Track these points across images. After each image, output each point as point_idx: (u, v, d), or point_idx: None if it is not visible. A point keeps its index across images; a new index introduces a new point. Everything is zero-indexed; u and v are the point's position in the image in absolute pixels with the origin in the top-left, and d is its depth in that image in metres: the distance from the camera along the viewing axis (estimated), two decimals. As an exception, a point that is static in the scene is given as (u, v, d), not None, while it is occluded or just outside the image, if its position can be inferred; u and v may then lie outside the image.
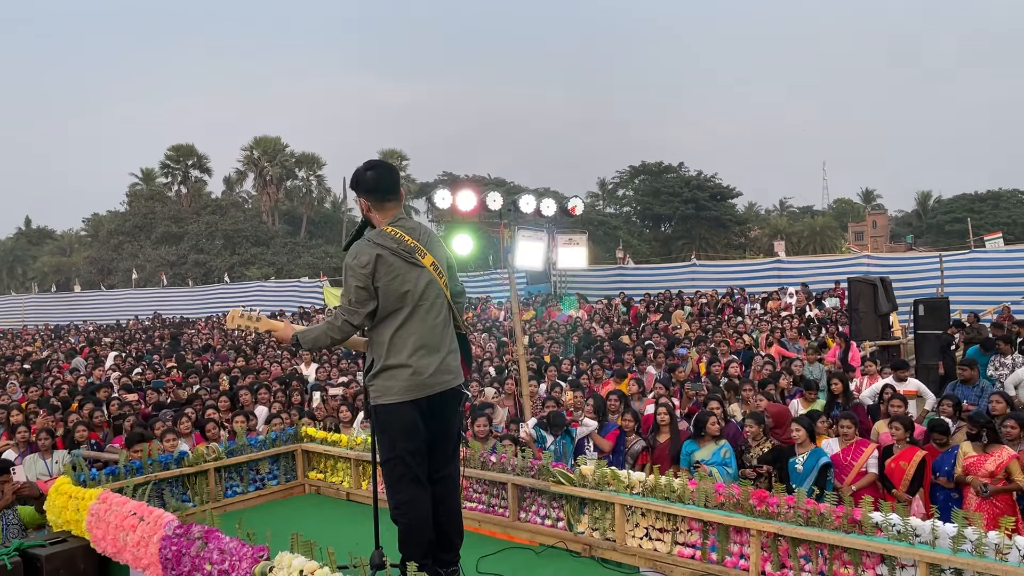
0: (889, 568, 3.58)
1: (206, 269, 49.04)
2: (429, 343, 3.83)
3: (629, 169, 60.04)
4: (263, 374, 13.67)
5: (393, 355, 3.79)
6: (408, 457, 3.82)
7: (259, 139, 56.13)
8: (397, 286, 3.76)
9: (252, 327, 4.20)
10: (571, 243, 9.67)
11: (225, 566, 3.72)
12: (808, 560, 3.84)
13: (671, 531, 4.30)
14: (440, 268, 3.93)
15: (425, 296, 3.83)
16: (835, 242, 57.30)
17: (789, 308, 20.28)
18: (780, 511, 3.89)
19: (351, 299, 3.77)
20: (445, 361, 3.88)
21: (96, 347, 20.94)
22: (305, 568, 3.39)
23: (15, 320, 37.85)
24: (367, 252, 3.77)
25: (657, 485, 4.36)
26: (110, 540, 4.42)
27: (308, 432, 6.35)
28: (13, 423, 9.97)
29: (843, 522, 3.69)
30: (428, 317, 3.84)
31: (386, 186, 3.99)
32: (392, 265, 3.76)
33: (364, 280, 3.73)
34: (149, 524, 4.22)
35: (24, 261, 59.97)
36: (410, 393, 3.78)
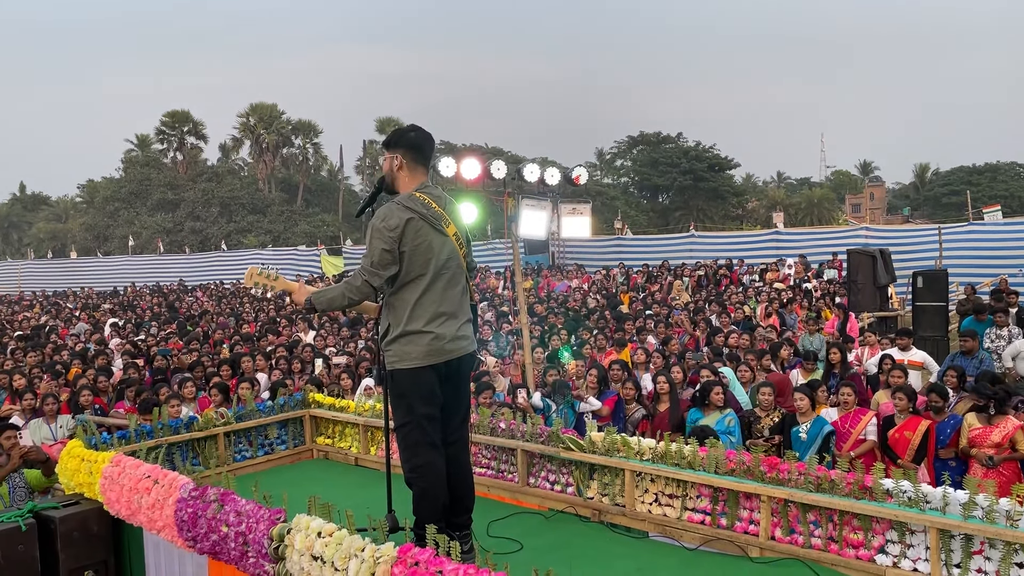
0: (899, 534, 3.62)
1: (202, 236, 48.89)
2: (449, 310, 3.85)
3: (627, 139, 59.81)
4: (262, 342, 13.71)
5: (414, 321, 3.79)
6: (425, 422, 3.85)
7: (255, 106, 55.66)
8: (424, 251, 3.77)
9: (269, 285, 4.21)
10: (575, 212, 9.71)
11: (242, 528, 3.76)
12: (818, 526, 3.89)
13: (681, 497, 4.35)
14: (461, 239, 3.96)
15: (448, 265, 3.85)
16: (832, 214, 57.25)
17: (787, 279, 20.34)
18: (791, 477, 3.94)
19: (374, 260, 3.75)
20: (462, 328, 3.92)
21: (96, 313, 20.94)
22: (323, 530, 3.42)
23: (11, 286, 37.74)
24: (397, 215, 3.75)
25: (667, 452, 4.40)
26: (124, 503, 4.46)
27: (316, 398, 6.39)
28: (16, 388, 10.01)
29: (854, 489, 3.74)
30: (449, 285, 3.87)
31: (426, 150, 4.03)
32: (420, 230, 3.77)
33: (391, 243, 3.73)
34: (164, 487, 4.26)
35: (19, 227, 59.70)
36: (430, 358, 3.80)
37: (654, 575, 3.96)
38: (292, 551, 3.47)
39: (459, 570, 2.95)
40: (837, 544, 3.80)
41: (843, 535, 3.78)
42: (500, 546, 4.27)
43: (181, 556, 4.40)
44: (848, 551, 3.77)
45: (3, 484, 5.84)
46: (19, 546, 4.38)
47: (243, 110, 55.86)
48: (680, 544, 4.28)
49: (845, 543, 3.78)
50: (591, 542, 4.40)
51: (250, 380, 9.83)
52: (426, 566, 3.02)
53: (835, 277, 19.97)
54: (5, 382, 10.57)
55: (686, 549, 4.24)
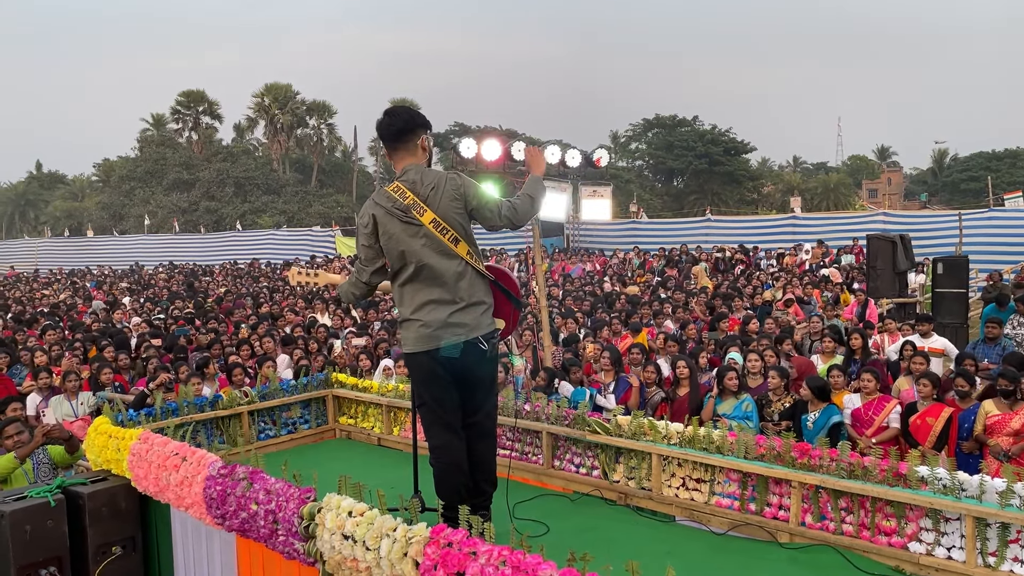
0: (933, 522, 3.59)
1: (217, 216, 49.00)
2: (439, 297, 3.82)
3: (642, 122, 59.36)
4: (280, 321, 13.74)
5: (404, 308, 3.90)
6: (434, 404, 3.92)
7: (270, 86, 55.57)
8: (393, 246, 3.81)
9: (312, 282, 4.29)
10: (595, 195, 9.65)
11: (272, 506, 3.76)
12: (849, 512, 3.86)
13: (708, 482, 4.33)
14: (443, 225, 3.78)
15: (421, 254, 3.77)
16: (849, 199, 56.76)
17: (804, 265, 20.22)
18: (822, 463, 3.90)
19: (360, 257, 3.94)
20: (455, 315, 3.82)
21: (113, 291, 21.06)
22: (354, 510, 3.41)
23: (29, 264, 38.02)
24: (367, 212, 3.87)
25: (696, 436, 4.37)
26: (152, 480, 4.47)
27: (339, 378, 6.40)
28: (38, 365, 10.07)
29: (887, 475, 3.70)
30: (432, 272, 3.80)
31: (389, 133, 3.91)
32: (387, 226, 3.81)
33: (368, 239, 3.86)
34: (192, 464, 4.26)
35: (36, 205, 60.02)
36: (420, 344, 3.86)
37: (683, 559, 3.94)
38: (323, 530, 3.47)
39: (492, 551, 2.94)
40: (869, 531, 3.77)
41: (875, 522, 3.75)
42: (526, 528, 4.25)
43: (209, 533, 4.42)
44: (881, 538, 3.74)
45: (27, 460, 5.90)
46: (48, 521, 4.41)
47: (258, 90, 55.84)
48: (708, 529, 4.26)
49: (877, 530, 3.75)
50: (618, 525, 4.39)
51: (271, 359, 9.87)
52: (459, 547, 3.01)
53: (853, 262, 19.84)
54: (27, 359, 10.65)
55: (714, 534, 4.22)
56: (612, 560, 2.93)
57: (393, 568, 3.16)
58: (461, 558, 2.97)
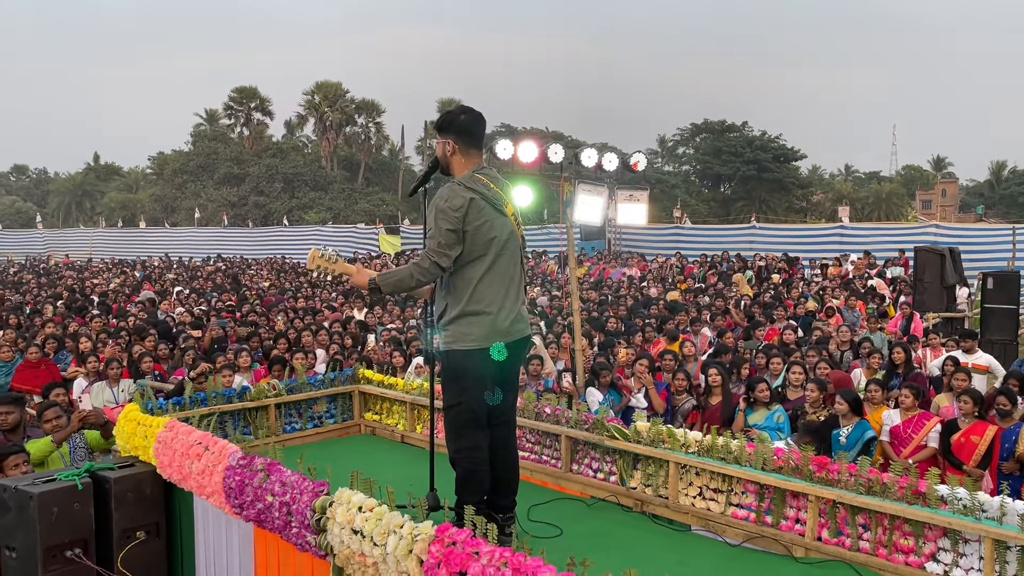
0: (952, 542, 3.50)
1: (266, 211, 49.80)
2: (509, 292, 3.86)
3: (691, 127, 58.86)
4: (319, 316, 13.92)
5: (475, 302, 3.79)
6: (476, 404, 3.86)
7: (320, 84, 56.30)
8: (486, 232, 3.77)
9: (329, 268, 4.22)
10: (631, 199, 9.51)
11: (286, 498, 3.82)
12: (867, 529, 3.78)
13: (725, 492, 4.28)
14: (519, 220, 3.98)
15: (507, 245, 3.86)
16: (901, 210, 55.55)
17: (848, 275, 19.85)
18: (841, 478, 3.84)
19: (441, 241, 3.74)
20: (520, 310, 3.93)
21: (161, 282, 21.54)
22: (364, 505, 3.45)
23: (83, 253, 39.05)
24: (460, 196, 3.76)
25: (714, 445, 4.33)
26: (175, 467, 4.57)
27: (366, 374, 6.46)
28: (83, 351, 10.36)
29: (906, 493, 3.62)
30: (509, 266, 3.87)
31: (477, 132, 4.00)
32: (483, 210, 3.77)
33: (456, 224, 3.73)
34: (214, 454, 4.35)
35: (92, 196, 61.61)
36: (490, 340, 3.79)
37: (695, 569, 3.91)
38: (333, 524, 3.51)
39: (494, 552, 2.95)
40: (886, 549, 3.69)
41: (893, 540, 3.67)
42: (540, 531, 4.26)
43: (228, 522, 4.50)
44: (897, 556, 3.66)
45: (64, 444, 6.07)
46: (75, 504, 4.53)
47: (309, 88, 56.65)
48: (723, 539, 4.22)
49: (895, 548, 3.67)
50: (632, 532, 4.37)
51: (307, 353, 10.01)
52: (462, 546, 3.03)
53: (900, 275, 19.41)
54: (72, 346, 10.95)
55: (729, 545, 4.17)
56: (622, 567, 2.91)
57: (398, 565, 3.19)
58: (463, 557, 2.99)
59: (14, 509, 4.47)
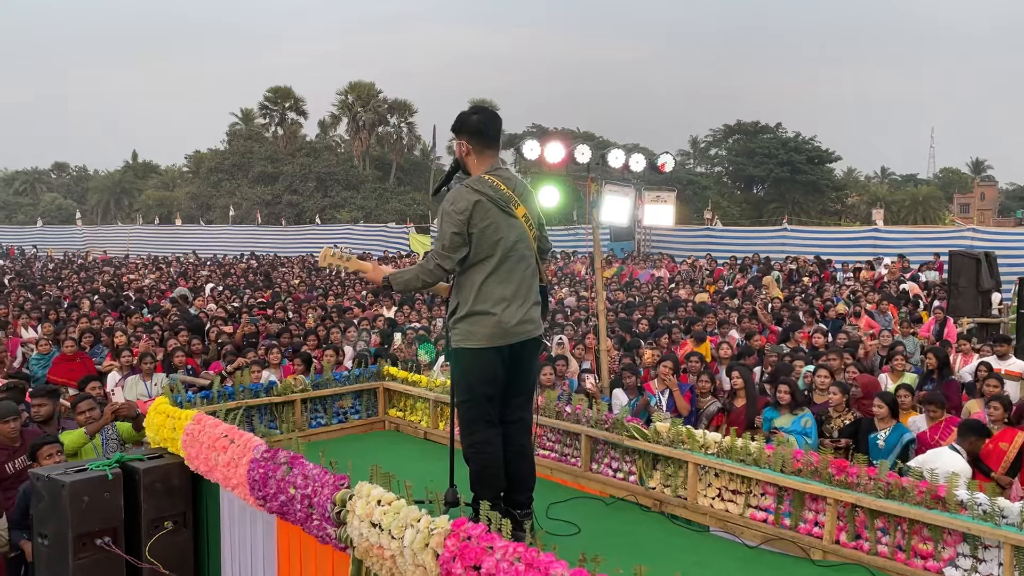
0: (971, 547, 3.48)
1: (299, 210, 50.33)
2: (516, 293, 3.88)
3: (723, 128, 58.41)
4: (348, 314, 14.06)
5: (480, 302, 3.84)
6: (484, 401, 3.91)
7: (354, 84, 56.79)
8: (491, 233, 3.80)
9: (342, 266, 4.29)
10: (658, 200, 9.50)
11: (308, 491, 3.89)
12: (885, 533, 3.76)
13: (744, 494, 4.28)
14: (531, 221, 3.98)
15: (516, 247, 3.87)
16: (938, 213, 54.66)
17: (882, 279, 19.60)
18: (860, 481, 3.82)
19: (445, 244, 3.81)
20: (529, 312, 3.94)
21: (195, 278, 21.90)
22: (383, 499, 3.51)
23: (121, 249, 39.74)
24: (465, 198, 3.80)
25: (733, 447, 4.32)
26: (202, 459, 4.67)
27: (390, 371, 6.54)
28: (117, 345, 10.58)
29: (926, 497, 3.60)
30: (518, 267, 3.89)
31: (490, 132, 4.02)
32: (488, 212, 3.80)
33: (460, 226, 3.77)
34: (239, 447, 4.44)
35: (130, 193, 62.65)
36: (494, 340, 3.84)
37: (713, 570, 3.91)
38: (353, 517, 3.57)
39: (508, 547, 2.99)
40: (905, 553, 3.67)
41: (911, 544, 3.65)
42: (558, 528, 4.29)
43: (253, 514, 4.59)
44: (916, 561, 3.63)
45: (97, 436, 6.21)
46: (105, 493, 4.65)
47: (342, 88, 57.15)
48: (741, 541, 4.21)
49: (913, 553, 3.64)
50: (650, 532, 4.38)
51: (335, 349, 10.13)
52: (477, 541, 3.07)
53: (935, 279, 19.13)
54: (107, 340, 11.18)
55: (747, 546, 4.17)
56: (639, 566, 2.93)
57: (415, 558, 3.24)
58: (478, 552, 3.03)
59: (47, 497, 4.60)
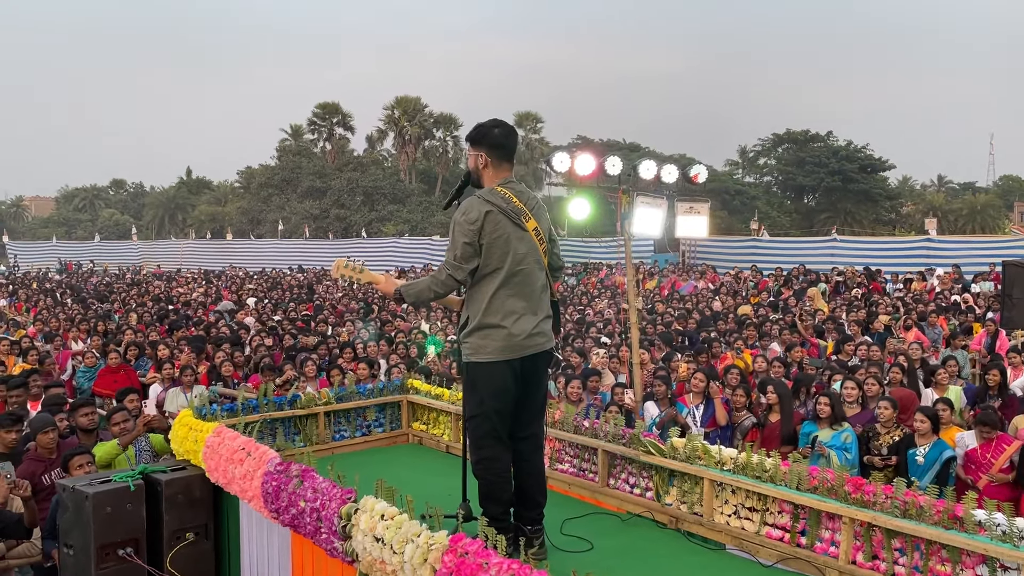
0: (990, 569, 3.34)
1: (346, 224, 50.98)
2: (527, 306, 3.88)
3: (772, 137, 57.53)
4: (387, 327, 14.17)
5: (491, 315, 3.84)
6: (494, 415, 3.90)
7: (400, 99, 57.41)
8: (501, 245, 3.82)
9: (355, 278, 4.33)
10: (691, 211, 9.42)
11: (317, 504, 3.92)
12: (903, 554, 3.64)
13: (760, 511, 4.18)
14: (542, 235, 3.97)
15: (525, 259, 3.88)
16: (998, 222, 53.00)
17: (934, 291, 19.07)
18: (876, 500, 3.70)
19: (457, 254, 3.84)
20: (540, 325, 3.93)
21: (241, 292, 22.32)
22: (387, 513, 3.52)
23: (174, 263, 40.74)
24: (477, 208, 3.84)
25: (748, 463, 4.23)
26: (221, 471, 4.74)
27: (414, 384, 6.56)
28: (160, 358, 10.82)
29: (943, 517, 3.48)
30: (528, 280, 3.89)
31: (509, 146, 4.07)
32: (499, 223, 3.82)
33: (471, 236, 3.81)
34: (255, 459, 4.50)
35: (184, 209, 64.20)
36: (505, 353, 3.84)
37: (725, 589, 3.84)
38: (358, 531, 3.59)
39: (503, 563, 2.97)
40: (922, 574, 3.54)
41: (929, 565, 3.52)
42: (571, 545, 4.25)
43: (270, 527, 4.64)
44: (934, 583, 3.51)
45: (130, 447, 6.35)
46: (127, 504, 4.75)
47: (388, 103, 57.83)
48: (756, 560, 4.12)
49: (931, 574, 3.52)
50: (664, 549, 4.31)
51: (369, 362, 10.22)
52: (474, 557, 3.06)
53: (991, 290, 18.55)
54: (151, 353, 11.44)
55: (762, 565, 4.07)
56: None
57: (415, 572, 3.25)
58: (474, 568, 3.02)
59: (72, 508, 4.72)
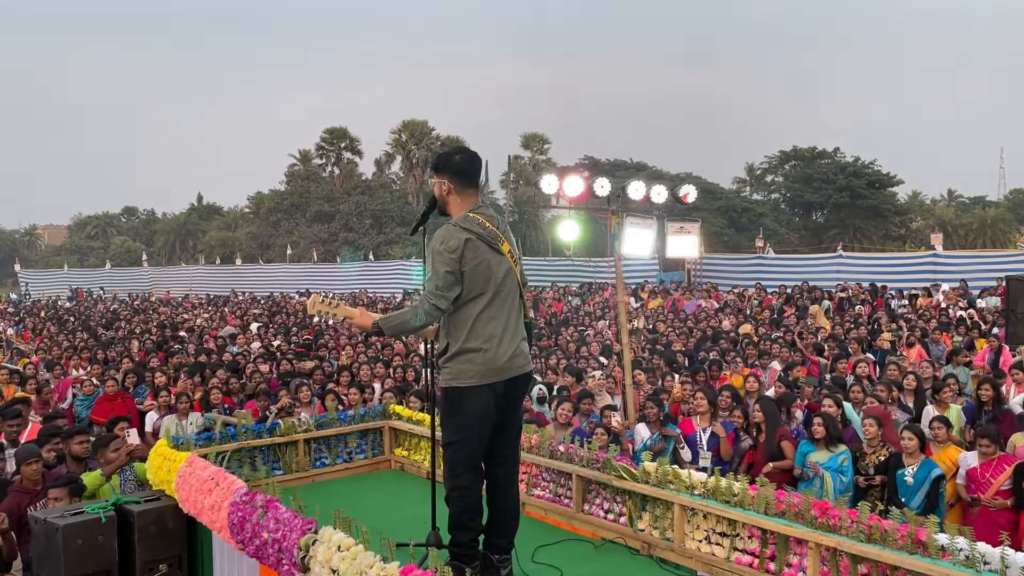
0: (954, 596, 3.28)
1: (354, 247, 51.15)
2: (507, 329, 3.89)
3: (779, 154, 57.49)
4: (386, 350, 14.15)
5: (472, 339, 3.84)
6: (475, 441, 3.89)
7: (407, 123, 57.79)
8: (483, 271, 3.83)
9: (331, 312, 4.31)
10: (682, 231, 9.41)
11: (278, 535, 3.90)
12: (869, 579, 3.58)
13: (730, 536, 4.12)
14: (516, 256, 4.01)
15: (504, 283, 3.90)
16: (1008, 236, 52.62)
17: (940, 306, 18.93)
18: (842, 524, 3.64)
19: (439, 284, 3.82)
20: (519, 346, 3.94)
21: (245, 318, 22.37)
22: (343, 544, 3.50)
23: (184, 289, 40.97)
24: (456, 237, 3.84)
25: (717, 488, 4.18)
26: (192, 502, 4.72)
27: (396, 410, 6.53)
28: (157, 385, 10.84)
29: (907, 542, 3.41)
30: (507, 303, 3.91)
31: (472, 172, 4.08)
32: (479, 249, 3.83)
33: (452, 265, 3.80)
34: (223, 489, 4.48)
35: (195, 235, 64.64)
36: (487, 377, 3.83)
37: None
38: (315, 562, 3.56)
39: (449, 596, 2.93)
40: (887, 601, 3.48)
41: (894, 592, 3.46)
42: (541, 572, 4.22)
43: (240, 558, 4.60)
44: (900, 610, 3.44)
45: (115, 477, 6.33)
46: (99, 536, 4.73)
47: (396, 127, 58.22)
48: (726, 586, 4.06)
49: (896, 600, 3.45)
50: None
51: (360, 387, 10.20)
52: (423, 588, 3.02)
53: (997, 305, 18.39)
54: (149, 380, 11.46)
55: (731, 592, 4.01)
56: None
57: (367, 604, 3.21)
58: (422, 600, 2.98)
59: (43, 540, 4.71)
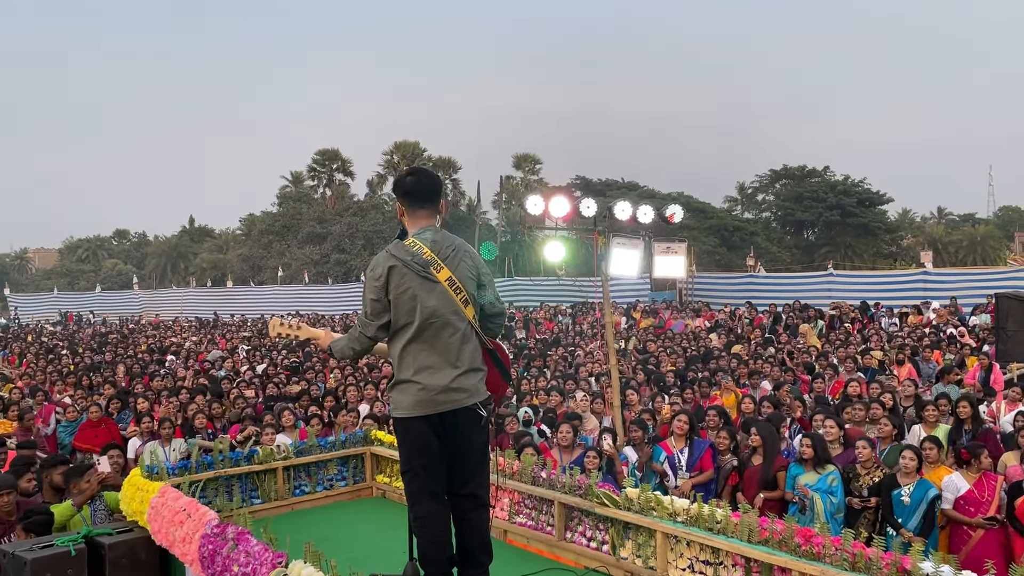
0: (940, 626, 3.19)
1: (346, 268, 51.03)
2: (442, 360, 3.73)
3: (769, 173, 57.80)
4: (374, 372, 14.03)
5: (403, 370, 3.75)
6: (422, 472, 3.78)
7: (399, 144, 57.94)
8: (406, 300, 3.71)
9: (292, 335, 4.24)
10: (669, 251, 9.34)
11: (248, 569, 3.79)
12: (854, 609, 3.48)
13: (714, 564, 4.02)
14: (457, 285, 3.80)
15: (436, 312, 3.73)
16: (998, 253, 52.89)
17: (930, 324, 18.92)
18: (826, 552, 3.55)
19: (367, 311, 3.78)
20: (457, 380, 3.74)
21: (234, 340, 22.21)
22: (312, 578, 3.40)
23: (174, 312, 40.74)
24: (382, 264, 3.76)
25: (700, 515, 4.09)
26: (164, 534, 4.61)
27: (377, 436, 6.42)
28: (140, 411, 10.69)
29: (892, 570, 3.32)
30: (441, 334, 3.74)
31: (420, 193, 3.98)
32: (404, 277, 3.71)
33: (378, 292, 3.72)
34: (194, 521, 4.37)
35: (186, 257, 64.45)
36: (418, 409, 3.72)
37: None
38: (284, 597, 3.46)
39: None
40: (873, 631, 3.39)
41: (880, 622, 3.37)
42: (520, 604, 4.10)
43: (212, 590, 4.48)
44: (886, 641, 3.35)
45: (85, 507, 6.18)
46: (68, 570, 4.60)
47: (388, 147, 58.34)
48: (709, 617, 3.96)
49: (882, 631, 3.36)
50: (617, 607, 4.15)
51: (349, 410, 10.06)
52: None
53: (987, 323, 18.39)
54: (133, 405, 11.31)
55: (715, 623, 3.91)
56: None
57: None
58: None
59: (12, 574, 4.57)
